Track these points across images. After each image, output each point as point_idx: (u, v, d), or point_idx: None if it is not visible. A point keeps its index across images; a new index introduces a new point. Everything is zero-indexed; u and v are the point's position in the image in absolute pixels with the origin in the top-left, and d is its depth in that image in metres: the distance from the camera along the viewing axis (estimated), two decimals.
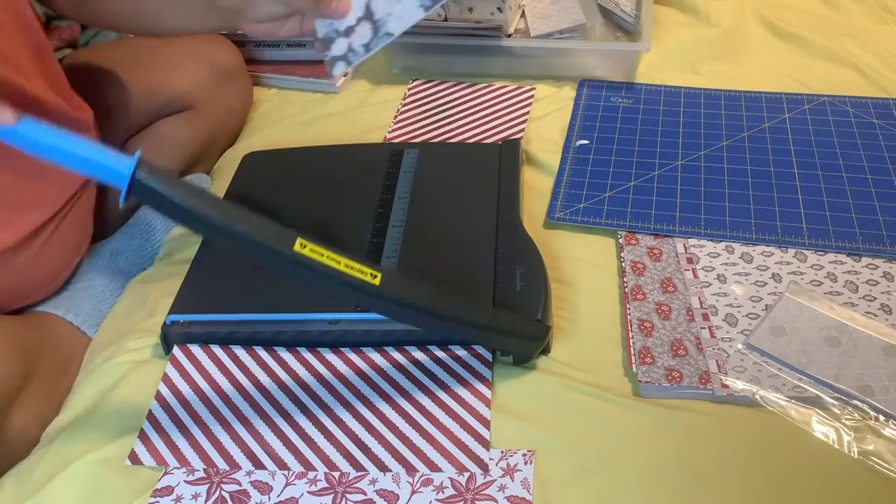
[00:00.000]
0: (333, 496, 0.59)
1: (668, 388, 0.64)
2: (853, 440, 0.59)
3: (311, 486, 0.59)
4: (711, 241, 0.78)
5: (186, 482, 0.60)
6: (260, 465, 0.61)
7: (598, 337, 0.70)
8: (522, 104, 1.01)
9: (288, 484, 0.60)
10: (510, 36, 1.05)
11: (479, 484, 0.58)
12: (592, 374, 0.66)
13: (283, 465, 0.61)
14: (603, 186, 0.86)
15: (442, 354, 0.68)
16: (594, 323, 0.71)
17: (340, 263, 0.56)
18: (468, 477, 0.59)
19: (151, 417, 0.65)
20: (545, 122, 0.98)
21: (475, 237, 0.76)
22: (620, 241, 0.79)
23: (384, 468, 0.60)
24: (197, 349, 0.71)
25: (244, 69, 1.03)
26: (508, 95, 1.03)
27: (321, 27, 0.70)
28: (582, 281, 0.75)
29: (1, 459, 0.66)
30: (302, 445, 0.62)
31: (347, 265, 0.56)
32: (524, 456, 0.60)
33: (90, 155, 0.52)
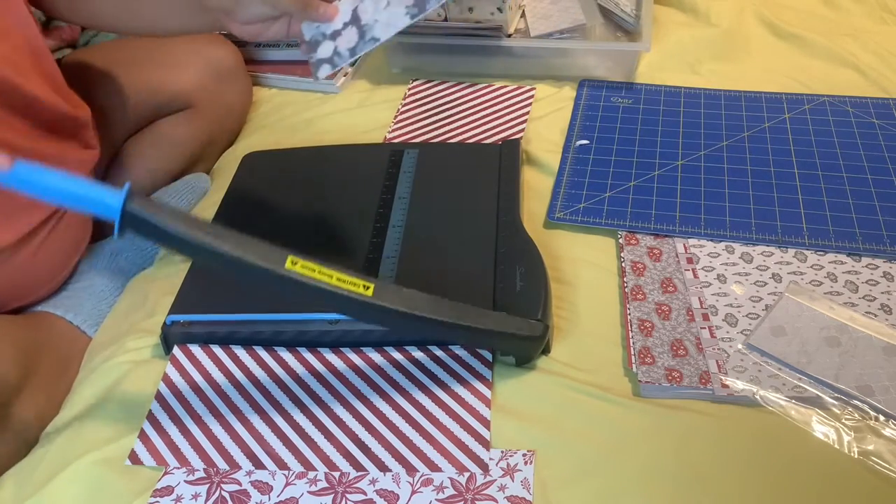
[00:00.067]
0: (333, 496, 0.59)
1: (668, 388, 0.64)
2: (853, 440, 0.59)
3: (311, 486, 0.59)
4: (711, 241, 0.78)
5: (186, 482, 0.60)
6: (260, 464, 0.61)
7: (598, 337, 0.70)
8: (522, 104, 1.01)
9: (288, 484, 0.60)
10: (510, 36, 1.05)
11: (479, 484, 0.58)
12: (592, 374, 0.66)
13: (283, 464, 0.61)
14: (603, 186, 0.86)
15: (442, 354, 0.68)
16: (594, 323, 0.71)
17: (332, 277, 0.57)
18: (468, 477, 0.59)
19: (151, 417, 0.65)
20: (545, 122, 0.98)
21: (475, 237, 0.76)
22: (620, 241, 0.79)
23: (384, 468, 0.60)
24: (197, 349, 0.71)
25: (244, 69, 1.03)
26: (508, 95, 1.03)
27: (308, 30, 0.70)
28: (582, 281, 0.75)
29: (0, 458, 0.66)
30: (302, 445, 0.62)
31: (340, 279, 0.57)
32: (524, 456, 0.60)
33: (82, 192, 0.54)
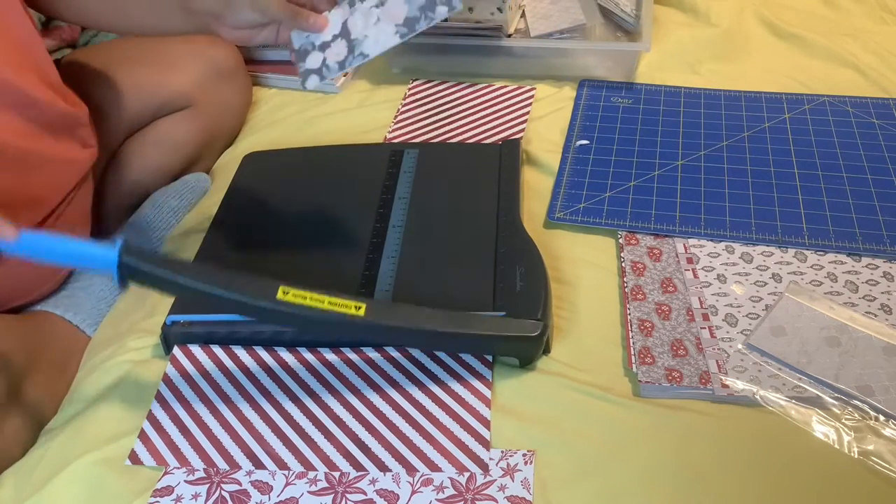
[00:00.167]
0: (333, 496, 0.59)
1: (668, 388, 0.64)
2: (853, 440, 0.59)
3: (311, 485, 0.59)
4: (711, 241, 0.78)
5: (186, 482, 0.60)
6: (260, 465, 0.61)
7: (598, 337, 0.70)
8: (522, 104, 1.01)
9: (288, 484, 0.60)
10: (510, 36, 1.05)
11: (479, 484, 0.58)
12: (592, 374, 0.66)
13: (283, 464, 0.61)
14: (603, 186, 0.86)
15: (442, 354, 0.68)
16: (594, 323, 0.71)
17: (324, 302, 0.60)
18: (468, 477, 0.59)
19: (151, 417, 0.65)
20: (545, 122, 0.98)
21: (475, 237, 0.76)
22: (620, 241, 0.79)
23: (384, 468, 0.60)
24: (197, 349, 0.71)
25: (243, 68, 1.03)
26: (508, 95, 1.03)
27: (297, 39, 0.70)
28: (582, 281, 0.75)
29: None
30: (302, 445, 0.62)
31: (331, 302, 0.60)
32: (524, 456, 0.60)
33: (81, 252, 0.59)
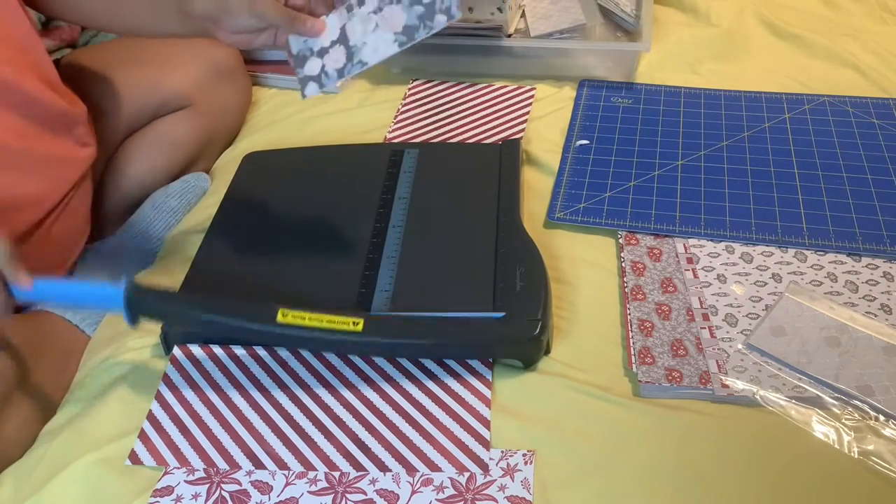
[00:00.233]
0: (333, 496, 0.59)
1: (668, 388, 0.64)
2: (853, 440, 0.59)
3: (311, 485, 0.59)
4: (711, 241, 0.78)
5: (186, 482, 0.60)
6: (260, 464, 0.61)
7: (598, 337, 0.70)
8: (522, 104, 1.01)
9: (288, 484, 0.60)
10: (510, 36, 1.05)
11: (479, 484, 0.58)
12: (592, 374, 0.66)
13: (283, 464, 0.61)
14: (603, 186, 0.86)
15: None
16: (594, 323, 0.71)
17: (323, 321, 0.62)
18: (468, 477, 0.59)
19: (151, 417, 0.65)
20: (545, 122, 0.98)
21: (475, 237, 0.76)
22: (620, 241, 0.79)
23: (384, 468, 0.60)
24: (197, 349, 0.71)
25: (243, 68, 1.03)
26: (508, 95, 1.03)
27: (295, 44, 0.70)
28: (582, 281, 0.75)
29: None
30: (302, 445, 0.62)
31: (329, 321, 0.62)
32: (524, 456, 0.60)
33: (90, 293, 0.64)
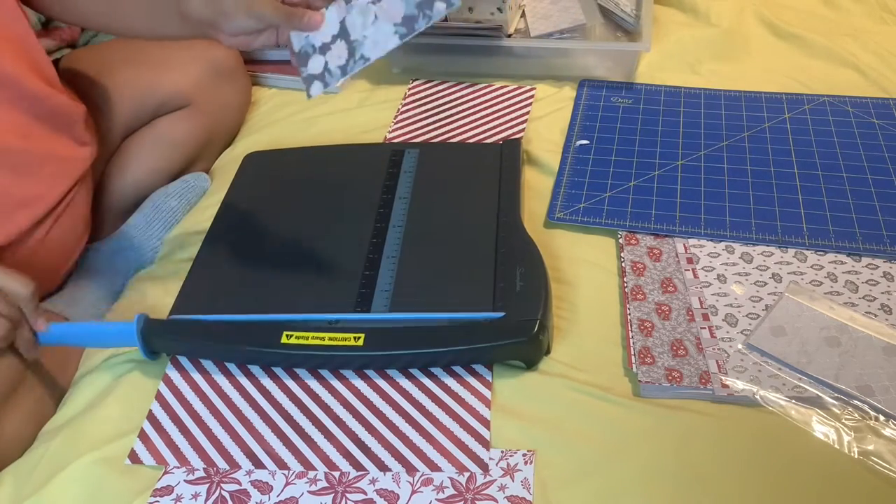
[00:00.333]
0: (333, 496, 0.59)
1: (668, 388, 0.64)
2: (853, 440, 0.59)
3: (311, 485, 0.59)
4: (711, 241, 0.78)
5: (186, 482, 0.60)
6: (260, 464, 0.61)
7: (598, 337, 0.70)
8: (522, 104, 1.01)
9: (288, 483, 0.60)
10: (510, 36, 1.05)
11: (479, 484, 0.58)
12: (592, 374, 0.66)
13: (283, 464, 0.61)
14: (603, 186, 0.86)
15: None
16: (594, 323, 0.71)
17: (325, 339, 0.65)
18: (468, 477, 0.59)
19: (151, 417, 0.65)
20: (545, 122, 0.98)
21: (476, 237, 0.76)
22: (620, 241, 0.79)
23: (384, 468, 0.60)
24: None
25: (242, 68, 1.03)
26: (508, 95, 1.03)
27: (296, 40, 0.70)
28: (582, 281, 0.75)
29: None
30: (302, 445, 0.62)
31: (332, 338, 0.65)
32: (524, 456, 0.60)
33: (105, 332, 0.69)
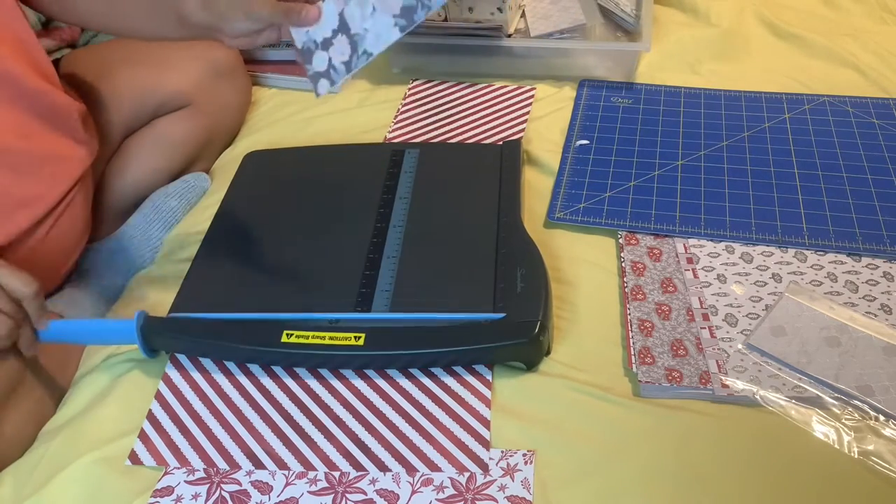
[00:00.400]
0: (333, 496, 0.59)
1: (668, 388, 0.64)
2: (853, 440, 0.59)
3: (311, 485, 0.59)
4: (711, 241, 0.78)
5: (186, 482, 0.60)
6: (260, 465, 0.61)
7: (598, 337, 0.70)
8: (522, 104, 1.01)
9: (288, 484, 0.60)
10: (510, 36, 1.05)
11: (479, 484, 0.58)
12: (592, 374, 0.66)
13: (283, 464, 0.61)
14: (603, 186, 0.86)
15: None
16: (594, 323, 0.71)
17: (325, 338, 0.66)
18: (468, 477, 0.59)
19: (151, 417, 0.65)
20: (545, 122, 0.98)
21: (476, 238, 0.75)
22: (620, 241, 0.79)
23: (384, 468, 0.60)
24: None
25: (242, 67, 1.03)
26: (508, 95, 1.03)
27: (298, 36, 0.70)
28: (582, 281, 0.75)
29: None
30: (302, 445, 0.62)
31: (332, 337, 0.66)
32: (524, 456, 0.60)
33: (106, 329, 0.70)
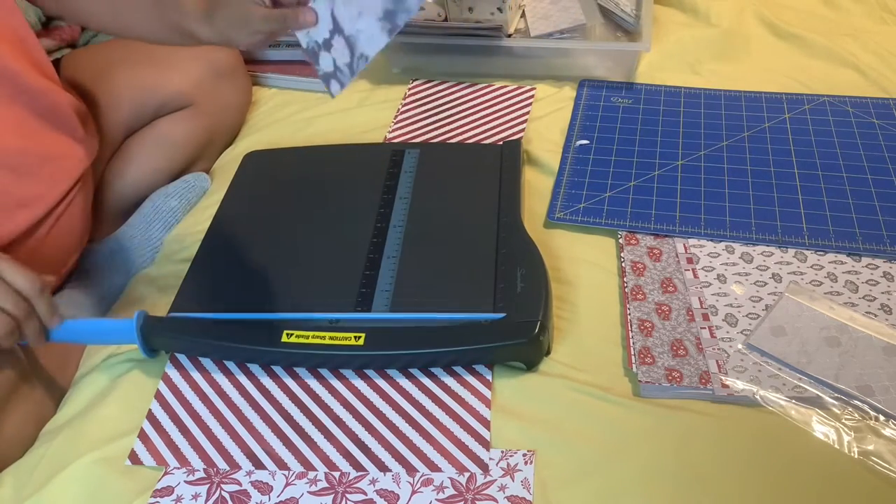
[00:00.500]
0: (333, 496, 0.59)
1: (668, 388, 0.64)
2: (853, 440, 0.59)
3: (311, 486, 0.59)
4: (711, 241, 0.78)
5: (186, 482, 0.60)
6: (260, 465, 0.61)
7: (598, 337, 0.70)
8: (522, 104, 1.01)
9: (288, 484, 0.60)
10: (510, 36, 1.05)
11: (479, 484, 0.58)
12: (593, 374, 0.66)
13: (283, 465, 0.61)
14: (603, 186, 0.86)
15: None
16: (594, 323, 0.71)
17: (325, 338, 0.66)
18: (468, 477, 0.59)
19: (151, 417, 0.65)
20: (545, 122, 0.98)
21: (476, 238, 0.76)
22: (620, 241, 0.79)
23: (384, 468, 0.60)
24: None
25: (243, 68, 1.03)
26: (508, 95, 1.03)
27: (302, 38, 0.71)
28: (582, 281, 0.75)
29: None
30: (302, 445, 0.62)
31: (332, 337, 0.66)
32: (524, 456, 0.60)
33: (105, 328, 0.71)
